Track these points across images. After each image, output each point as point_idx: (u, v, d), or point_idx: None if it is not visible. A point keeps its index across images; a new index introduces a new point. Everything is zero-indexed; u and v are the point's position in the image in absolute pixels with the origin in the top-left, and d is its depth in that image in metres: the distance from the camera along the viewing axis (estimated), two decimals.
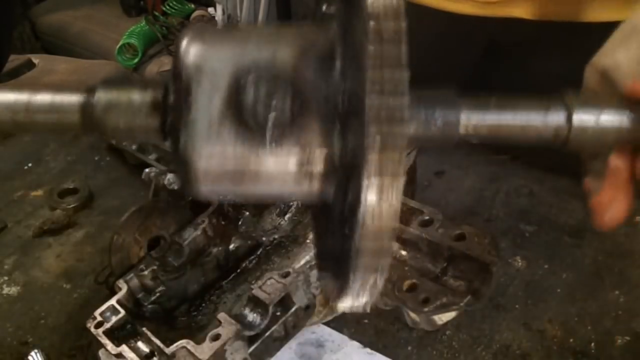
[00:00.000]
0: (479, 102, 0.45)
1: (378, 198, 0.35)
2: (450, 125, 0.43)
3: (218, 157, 0.40)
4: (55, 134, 1.16)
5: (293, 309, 0.78)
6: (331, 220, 0.43)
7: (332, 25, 0.43)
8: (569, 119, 0.45)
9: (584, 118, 0.45)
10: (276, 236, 0.92)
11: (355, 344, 0.87)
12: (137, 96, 0.43)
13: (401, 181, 0.35)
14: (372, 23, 0.35)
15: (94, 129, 0.43)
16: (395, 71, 0.35)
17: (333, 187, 0.41)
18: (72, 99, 0.44)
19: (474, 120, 0.44)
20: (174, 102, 0.41)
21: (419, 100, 0.42)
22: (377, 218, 0.35)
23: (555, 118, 0.45)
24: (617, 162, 0.52)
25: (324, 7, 0.47)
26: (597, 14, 0.97)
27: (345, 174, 0.39)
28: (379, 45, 0.35)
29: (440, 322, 0.85)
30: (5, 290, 0.99)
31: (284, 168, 0.40)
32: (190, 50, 0.40)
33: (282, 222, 0.93)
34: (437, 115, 0.43)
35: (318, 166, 0.40)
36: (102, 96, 0.43)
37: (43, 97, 0.44)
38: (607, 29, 0.99)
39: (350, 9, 0.39)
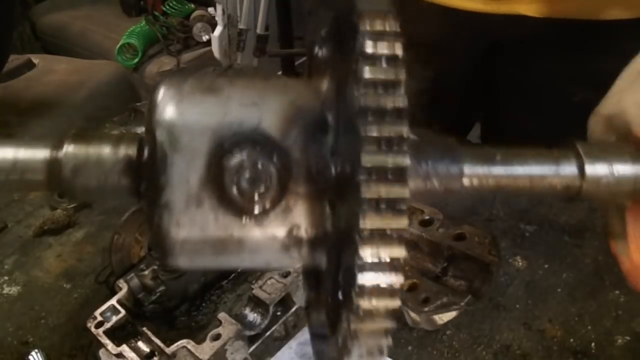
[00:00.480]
0: (484, 154, 0.41)
1: (375, 275, 0.31)
2: (453, 179, 0.40)
3: (197, 228, 0.36)
4: (17, 192, 1.10)
5: (293, 309, 0.78)
6: (323, 287, 0.40)
7: (324, 81, 0.39)
8: (582, 170, 0.42)
9: (597, 169, 0.42)
10: None
11: None
12: (109, 153, 0.38)
13: (402, 253, 0.32)
14: (367, 72, 0.31)
15: (61, 189, 0.39)
16: (395, 127, 0.32)
17: (324, 255, 0.38)
18: (37, 155, 0.38)
19: (478, 173, 0.41)
20: (148, 164, 0.37)
21: (418, 152, 0.39)
22: (375, 298, 0.32)
23: (566, 170, 0.42)
24: (636, 218, 0.47)
25: (317, 53, 0.43)
26: (601, 12, 0.97)
27: (338, 241, 0.36)
28: (375, 99, 0.32)
29: (440, 322, 0.85)
30: (6, 290, 0.99)
31: (270, 236, 0.36)
32: (166, 111, 0.36)
33: None
34: (439, 168, 0.39)
35: (308, 233, 0.37)
36: (70, 153, 0.38)
37: (4, 153, 0.38)
38: (611, 27, 0.99)
39: (343, 52, 0.35)
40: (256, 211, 0.36)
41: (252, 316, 0.77)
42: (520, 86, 1.18)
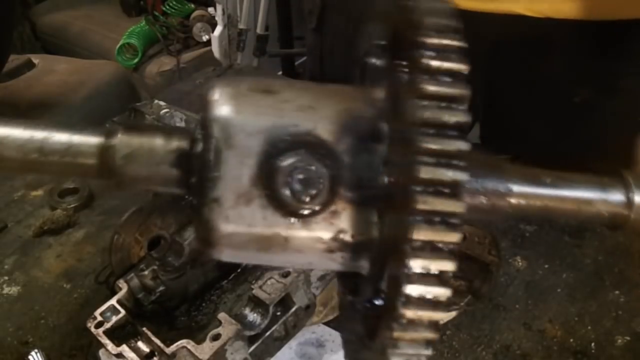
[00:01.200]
0: (532, 175, 0.41)
1: (422, 287, 0.31)
2: (500, 197, 0.39)
3: (245, 225, 0.36)
4: (68, 176, 1.12)
5: (293, 309, 0.78)
6: (362, 293, 0.40)
7: (379, 91, 0.39)
8: (629, 199, 0.41)
9: None
10: None
11: None
12: (162, 144, 0.39)
13: (452, 266, 0.31)
14: (428, 85, 0.31)
15: (111, 176, 0.40)
16: (454, 141, 0.31)
17: (367, 261, 0.38)
18: (91, 141, 0.40)
19: (526, 193, 0.40)
20: (201, 158, 0.37)
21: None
22: (420, 309, 0.32)
23: (614, 198, 0.42)
24: None
25: (372, 60, 0.42)
26: (601, 13, 0.97)
27: (383, 249, 0.36)
28: (436, 112, 0.31)
29: (440, 322, 0.85)
30: (6, 290, 0.99)
31: (316, 238, 0.37)
32: (224, 108, 0.37)
33: None
34: (487, 185, 0.39)
35: (353, 238, 0.37)
36: (123, 140, 0.39)
37: (59, 137, 0.39)
38: (612, 27, 0.99)
39: (401, 63, 0.35)
40: (305, 213, 0.36)
41: (252, 316, 0.77)
42: (520, 86, 1.18)
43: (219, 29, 2.56)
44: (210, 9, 3.17)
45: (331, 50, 1.45)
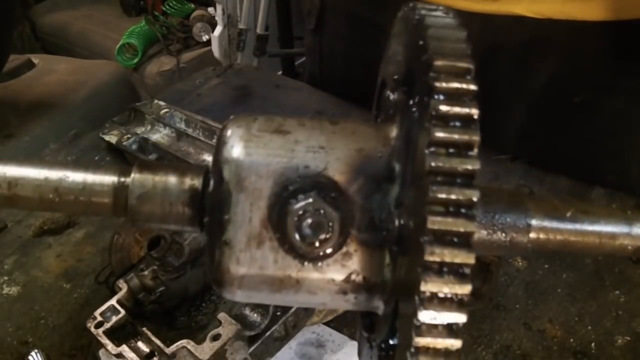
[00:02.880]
0: (553, 209, 0.41)
1: (432, 339, 0.31)
2: (519, 232, 0.39)
3: (256, 267, 0.37)
4: (83, 215, 1.11)
5: (293, 309, 0.78)
6: (378, 331, 0.39)
7: (393, 129, 0.38)
8: None
9: None
10: None
11: (356, 344, 0.87)
12: (175, 183, 0.40)
13: (462, 318, 0.31)
14: (439, 131, 0.31)
15: (125, 214, 0.40)
16: (464, 190, 0.31)
17: (381, 302, 0.37)
18: (105, 180, 0.41)
19: (546, 228, 0.40)
20: (213, 199, 0.38)
21: (485, 202, 0.38)
22: (430, 357, 0.31)
23: (638, 231, 0.41)
24: None
25: (389, 94, 0.42)
26: (601, 13, 0.97)
27: (397, 290, 0.36)
28: (446, 160, 0.31)
29: None
30: (6, 290, 0.99)
31: (328, 280, 0.37)
32: (235, 150, 0.37)
33: None
34: (506, 220, 0.38)
35: (367, 280, 0.37)
36: (137, 180, 0.40)
37: (74, 177, 0.41)
38: (611, 28, 0.99)
39: (415, 103, 0.35)
40: (316, 256, 0.36)
41: (252, 316, 0.77)
42: (520, 87, 1.18)
43: (219, 29, 2.56)
44: (210, 9, 3.18)
45: (330, 51, 1.45)
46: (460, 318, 0.31)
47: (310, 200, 0.35)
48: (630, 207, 0.42)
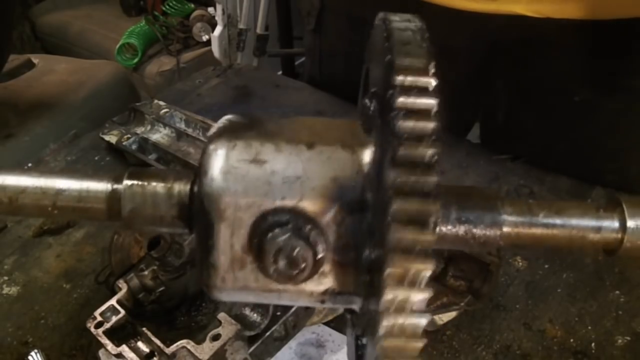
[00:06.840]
0: (526, 206, 0.42)
1: (394, 319, 0.32)
2: (491, 229, 0.40)
3: (240, 284, 0.40)
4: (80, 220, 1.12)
5: (293, 309, 0.78)
6: (356, 325, 0.42)
7: (367, 152, 0.39)
8: (622, 225, 0.41)
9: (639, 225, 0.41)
10: None
11: None
12: (163, 197, 0.42)
13: (423, 298, 0.33)
14: (398, 151, 0.32)
15: (119, 220, 0.43)
16: (423, 207, 0.32)
17: (360, 300, 0.40)
18: (99, 187, 0.43)
19: (517, 224, 0.41)
20: (198, 221, 0.40)
21: (457, 198, 0.40)
22: (397, 343, 0.33)
23: (607, 224, 0.41)
24: None
25: (368, 104, 0.42)
26: (601, 12, 0.97)
27: (371, 285, 0.37)
28: (405, 180, 0.32)
29: (440, 322, 0.85)
30: (5, 290, 0.99)
31: (307, 293, 0.40)
32: (214, 184, 0.39)
33: None
34: (477, 218, 0.40)
35: (342, 292, 0.39)
36: (127, 193, 0.42)
37: (71, 185, 0.43)
38: (611, 27, 0.99)
39: (384, 120, 0.36)
40: (294, 283, 0.38)
41: (252, 316, 0.77)
42: (520, 86, 1.18)
43: (219, 29, 2.55)
44: (210, 9, 3.17)
45: (330, 52, 1.45)
46: (421, 321, 0.33)
47: (286, 236, 0.37)
48: (602, 204, 0.42)
